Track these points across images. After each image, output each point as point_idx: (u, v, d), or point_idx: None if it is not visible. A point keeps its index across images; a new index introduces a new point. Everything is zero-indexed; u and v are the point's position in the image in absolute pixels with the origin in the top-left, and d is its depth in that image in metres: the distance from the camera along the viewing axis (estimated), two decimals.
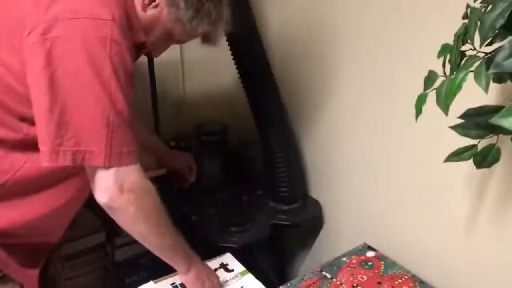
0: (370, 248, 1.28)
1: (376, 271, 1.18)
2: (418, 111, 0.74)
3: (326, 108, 1.44)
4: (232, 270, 1.18)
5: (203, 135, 1.61)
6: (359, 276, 1.16)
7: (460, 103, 0.68)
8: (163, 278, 1.11)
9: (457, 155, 0.78)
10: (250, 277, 1.16)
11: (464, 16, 0.71)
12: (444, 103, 0.66)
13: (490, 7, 0.60)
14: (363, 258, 1.24)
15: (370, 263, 1.21)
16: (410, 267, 1.19)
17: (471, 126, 0.73)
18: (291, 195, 1.49)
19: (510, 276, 1.00)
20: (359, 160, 1.36)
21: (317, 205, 1.55)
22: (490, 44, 0.62)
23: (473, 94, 0.67)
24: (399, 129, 1.20)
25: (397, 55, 1.15)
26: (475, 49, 0.66)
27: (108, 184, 0.82)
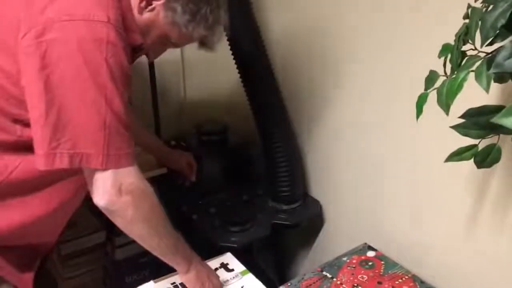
0: (370, 248, 1.28)
1: (377, 271, 1.18)
2: (419, 111, 0.74)
3: (327, 109, 1.44)
4: (232, 270, 1.18)
5: (203, 135, 1.61)
6: (360, 276, 1.16)
7: (461, 103, 0.68)
8: (164, 277, 1.11)
9: (457, 155, 0.78)
10: (250, 276, 1.16)
11: (465, 16, 0.71)
12: (445, 103, 0.66)
13: (491, 7, 0.60)
14: (363, 258, 1.24)
15: (370, 263, 1.21)
16: (410, 267, 1.19)
17: (471, 126, 0.73)
18: (292, 195, 1.48)
19: (510, 276, 1.00)
20: (360, 160, 1.36)
21: (317, 205, 1.55)
22: (491, 44, 0.62)
23: (474, 94, 0.67)
24: (399, 128, 1.20)
25: (397, 56, 1.16)
26: (476, 49, 0.67)
27: (106, 186, 0.82)
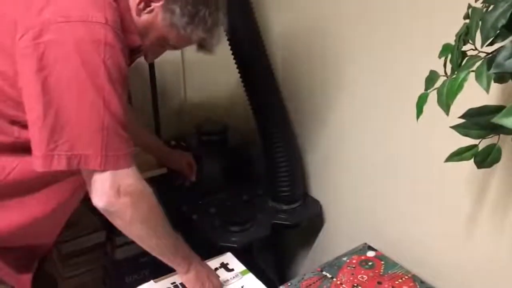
0: (370, 248, 1.28)
1: (377, 271, 1.18)
2: (419, 111, 0.74)
3: (327, 109, 1.44)
4: (232, 270, 1.18)
5: (203, 135, 1.61)
6: (359, 276, 1.16)
7: (461, 103, 0.68)
8: (164, 277, 1.11)
9: (458, 155, 0.78)
10: (250, 276, 1.16)
11: (466, 16, 0.71)
12: (445, 103, 0.66)
13: (491, 7, 0.60)
14: (363, 258, 1.24)
15: (370, 263, 1.21)
16: (410, 267, 1.19)
17: (472, 126, 0.73)
18: (292, 195, 1.48)
19: (510, 276, 1.00)
20: (360, 160, 1.36)
21: (317, 204, 1.55)
22: (491, 44, 0.62)
23: (474, 94, 0.67)
24: (399, 128, 1.20)
25: (397, 56, 1.16)
26: (476, 49, 0.67)
27: (105, 187, 0.82)
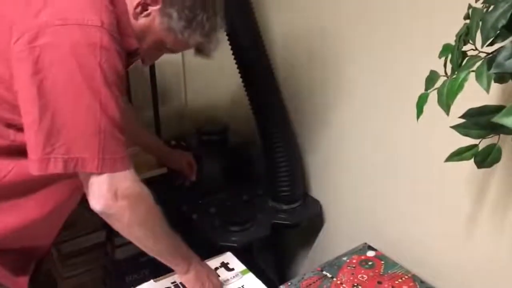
0: (370, 247, 1.28)
1: (377, 271, 1.18)
2: (419, 111, 0.74)
3: (327, 109, 1.44)
4: (232, 269, 1.18)
5: (203, 134, 1.61)
6: (360, 275, 1.17)
7: (461, 103, 0.68)
8: (164, 276, 1.11)
9: (458, 155, 0.78)
10: (250, 276, 1.16)
11: (466, 17, 0.71)
12: (445, 103, 0.66)
13: (491, 7, 0.60)
14: (363, 257, 1.24)
15: (370, 263, 1.22)
16: (410, 266, 1.19)
17: (472, 126, 0.73)
18: (292, 195, 1.49)
19: (510, 276, 1.00)
20: (360, 160, 1.36)
21: (317, 204, 1.55)
22: (491, 44, 0.62)
23: (474, 94, 0.67)
24: (399, 128, 1.20)
25: (397, 56, 1.16)
26: (476, 49, 0.67)
27: (102, 190, 0.81)
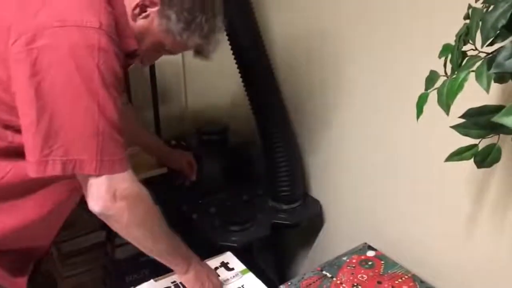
0: (370, 247, 1.28)
1: (376, 271, 1.18)
2: (419, 111, 0.74)
3: (327, 109, 1.44)
4: (232, 269, 1.18)
5: (203, 134, 1.61)
6: (359, 275, 1.17)
7: (461, 103, 0.68)
8: (164, 276, 1.11)
9: (458, 155, 0.78)
10: (250, 275, 1.16)
11: (466, 16, 0.71)
12: (445, 103, 0.66)
13: (491, 7, 0.60)
14: (363, 257, 1.24)
15: (370, 263, 1.22)
16: (410, 266, 1.19)
17: (472, 126, 0.73)
18: (292, 195, 1.49)
19: (510, 276, 1.00)
20: (360, 159, 1.37)
21: (317, 204, 1.55)
22: (491, 44, 0.62)
23: (474, 94, 0.67)
24: (399, 128, 1.20)
25: (397, 56, 1.16)
26: (476, 49, 0.67)
27: (101, 192, 0.81)
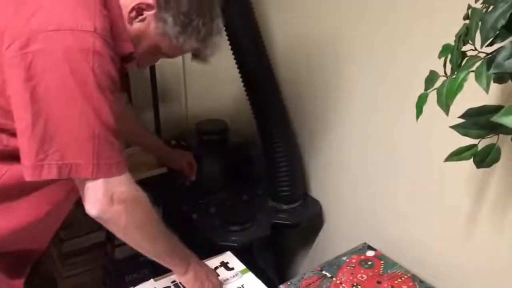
0: (370, 247, 1.28)
1: (376, 271, 1.19)
2: (419, 111, 0.74)
3: (327, 109, 1.44)
4: (232, 269, 1.18)
5: (203, 134, 1.61)
6: (359, 275, 1.17)
7: (461, 103, 0.68)
8: (164, 276, 1.11)
9: (457, 155, 0.79)
10: (250, 275, 1.16)
11: (465, 17, 0.71)
12: (444, 103, 0.66)
13: (491, 7, 0.60)
14: (363, 257, 1.24)
15: (370, 263, 1.22)
16: (410, 266, 1.19)
17: (471, 126, 0.73)
18: (292, 195, 1.49)
19: (510, 276, 1.00)
20: (360, 159, 1.37)
21: (317, 204, 1.55)
22: (491, 44, 0.62)
23: (473, 94, 0.67)
24: (399, 128, 1.20)
25: (397, 56, 1.16)
26: (476, 49, 0.67)
27: (98, 195, 0.81)
